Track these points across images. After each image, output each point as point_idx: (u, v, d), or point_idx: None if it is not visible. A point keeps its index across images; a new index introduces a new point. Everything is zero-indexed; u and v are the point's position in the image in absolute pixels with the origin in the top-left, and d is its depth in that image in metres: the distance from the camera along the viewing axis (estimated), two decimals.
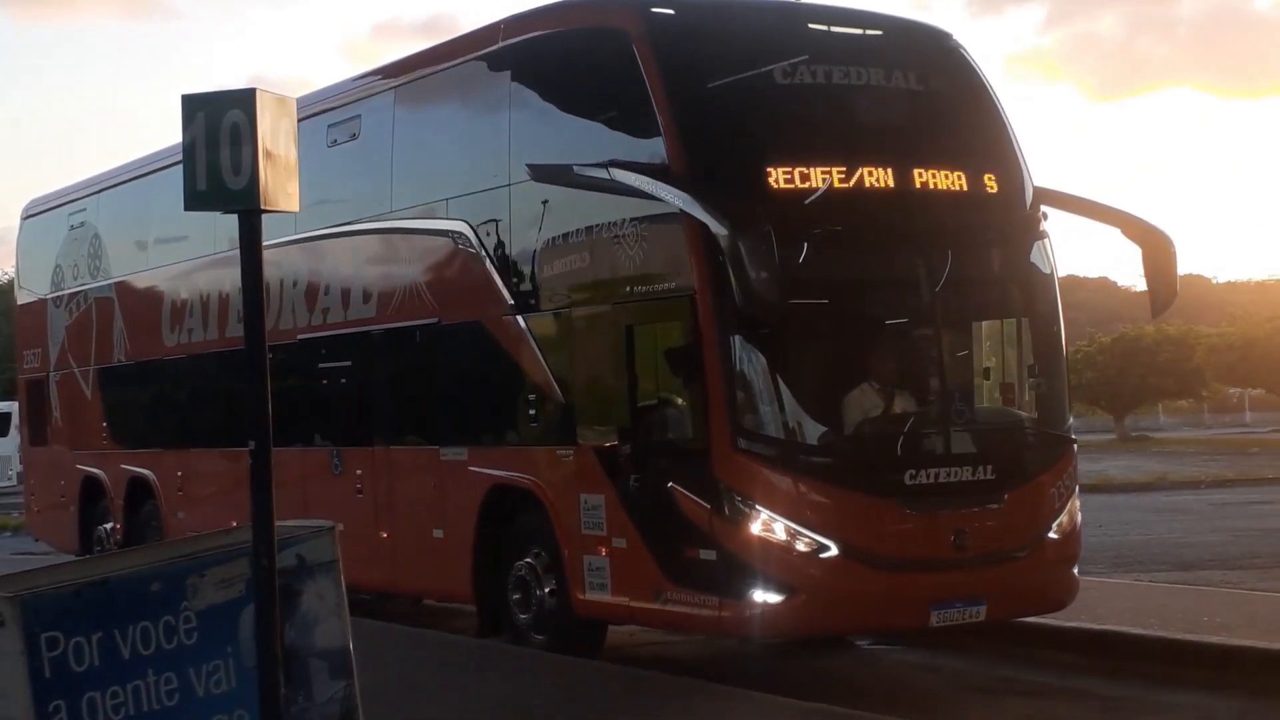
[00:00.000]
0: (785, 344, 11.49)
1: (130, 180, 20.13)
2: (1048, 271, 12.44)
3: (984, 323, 12.44)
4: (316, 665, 6.24)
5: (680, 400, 11.75)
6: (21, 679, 5.40)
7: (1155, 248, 12.17)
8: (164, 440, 19.16)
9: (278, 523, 5.87)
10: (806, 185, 11.42)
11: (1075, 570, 12.30)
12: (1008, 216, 12.28)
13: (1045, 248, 12.42)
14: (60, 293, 21.68)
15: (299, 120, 16.50)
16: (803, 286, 11.00)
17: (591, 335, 12.53)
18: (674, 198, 11.14)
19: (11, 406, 55.05)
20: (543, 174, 12.86)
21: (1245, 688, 11.34)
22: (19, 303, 23.82)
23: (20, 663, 5.38)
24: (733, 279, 10.50)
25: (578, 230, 12.58)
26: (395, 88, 15.41)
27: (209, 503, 18.24)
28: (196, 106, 5.50)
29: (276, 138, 5.63)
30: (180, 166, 16.56)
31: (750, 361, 11.38)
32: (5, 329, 79.33)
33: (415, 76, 15.21)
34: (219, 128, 5.49)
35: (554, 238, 12.89)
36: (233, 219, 6.10)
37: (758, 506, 11.07)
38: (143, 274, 19.57)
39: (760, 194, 11.24)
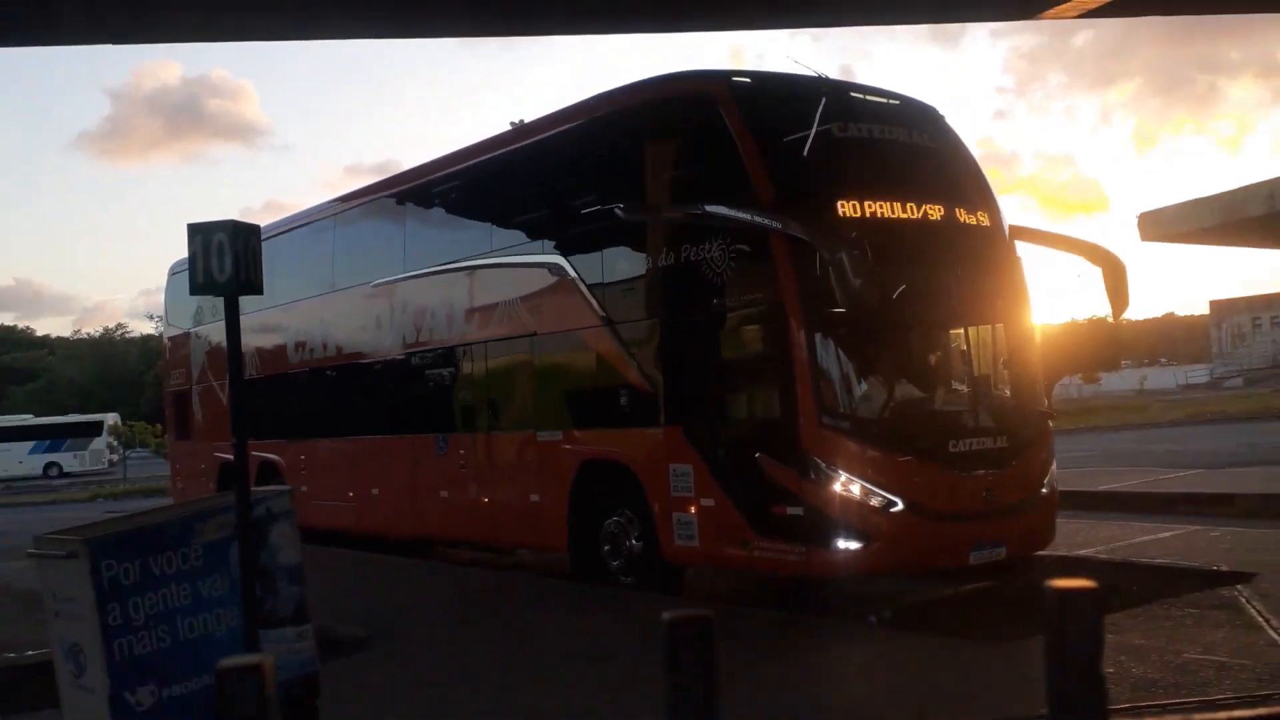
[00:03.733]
0: (857, 341, 9.07)
1: None
2: (1027, 288, 10.18)
3: (991, 326, 10.03)
4: (280, 576, 6.07)
5: (767, 388, 9.21)
6: (88, 589, 5.42)
7: (1113, 268, 9.95)
8: (287, 433, 16.12)
9: (254, 489, 5.70)
10: (864, 214, 9.07)
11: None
12: (998, 244, 10.02)
13: (1023, 270, 10.20)
14: (201, 327, 18.56)
15: (416, 182, 13.91)
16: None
17: (680, 339, 9.94)
18: (776, 222, 8.68)
19: (103, 417, 53.50)
20: (633, 213, 10.30)
21: None
22: (167, 336, 20.58)
23: (88, 579, 5.41)
24: (835, 285, 8.10)
25: (663, 257, 10.04)
26: (495, 156, 12.69)
27: (320, 477, 15.30)
28: (197, 231, 5.34)
29: (246, 250, 5.34)
30: (295, 233, 13.96)
31: (828, 355, 8.90)
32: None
33: (513, 147, 12.46)
34: (211, 243, 5.31)
35: (639, 265, 10.36)
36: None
37: (840, 471, 8.64)
38: (267, 311, 16.49)
39: (833, 220, 8.87)
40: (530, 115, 12.92)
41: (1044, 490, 9.66)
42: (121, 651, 5.47)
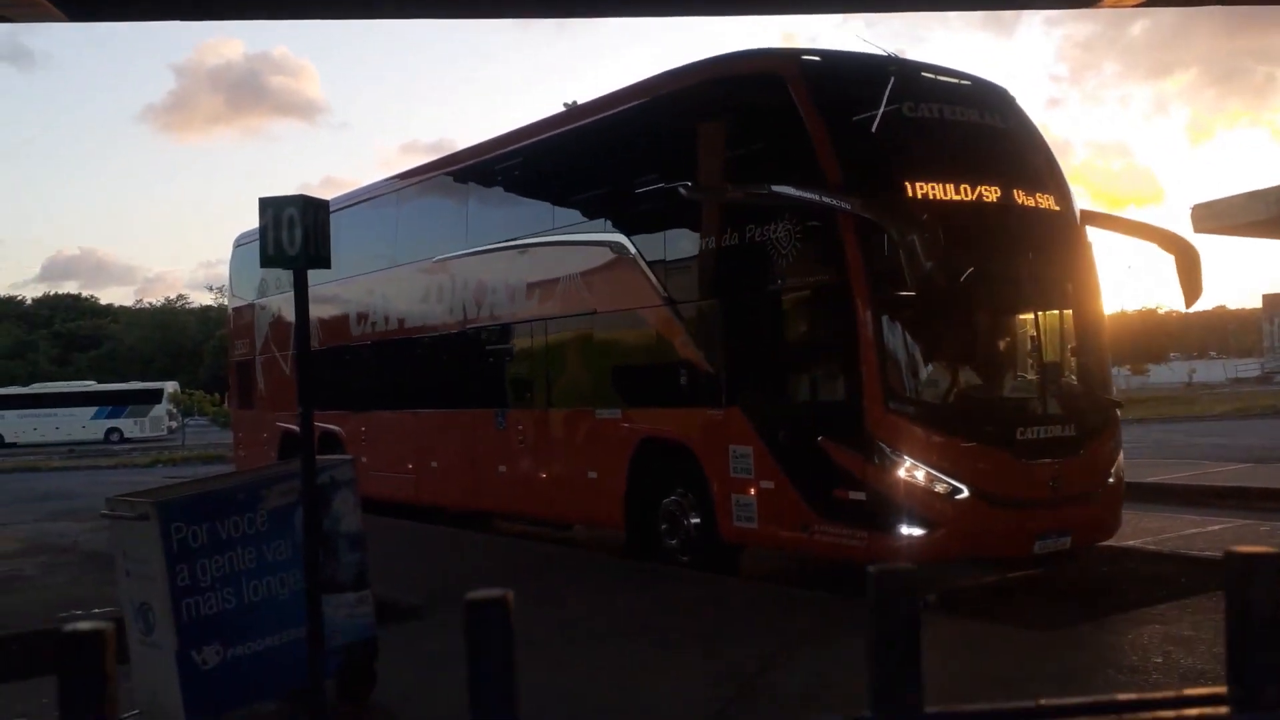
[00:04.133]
0: (925, 325, 8.80)
1: None
2: (1097, 274, 9.84)
3: (1060, 312, 9.72)
4: (341, 543, 6.20)
5: (831, 370, 8.95)
6: (158, 551, 5.50)
7: (1188, 256, 9.59)
8: (347, 404, 16.08)
9: (317, 457, 5.54)
10: (934, 196, 8.77)
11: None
12: (1069, 229, 9.68)
13: (1093, 256, 9.85)
14: (265, 298, 18.56)
15: (478, 160, 13.73)
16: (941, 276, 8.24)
17: (742, 319, 9.71)
18: (844, 203, 8.40)
19: (163, 385, 54.22)
20: (698, 192, 10.07)
21: None
22: (231, 307, 20.63)
23: (158, 541, 5.49)
24: (904, 267, 7.75)
25: (726, 238, 9.77)
26: (558, 134, 12.49)
27: (380, 449, 15.26)
28: (268, 204, 5.30)
29: (315, 224, 5.30)
30: (357, 208, 13.79)
31: (895, 338, 8.64)
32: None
33: (576, 125, 12.25)
34: (281, 217, 5.27)
35: (702, 244, 10.09)
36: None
37: (905, 456, 8.37)
38: (331, 284, 16.48)
39: (902, 202, 8.58)
40: (583, 97, 12.74)
41: (1111, 480, 9.34)
42: (189, 611, 5.55)
